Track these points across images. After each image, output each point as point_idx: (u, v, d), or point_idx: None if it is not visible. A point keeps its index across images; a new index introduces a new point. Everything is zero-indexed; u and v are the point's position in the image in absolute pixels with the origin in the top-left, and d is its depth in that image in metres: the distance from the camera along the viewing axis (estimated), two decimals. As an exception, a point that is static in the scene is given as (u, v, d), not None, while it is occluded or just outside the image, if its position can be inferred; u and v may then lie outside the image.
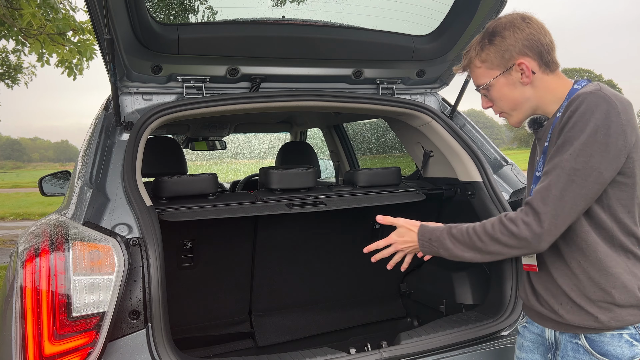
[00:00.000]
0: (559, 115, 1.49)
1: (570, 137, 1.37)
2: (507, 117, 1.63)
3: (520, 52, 1.51)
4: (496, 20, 1.56)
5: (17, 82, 10.79)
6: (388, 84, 2.63)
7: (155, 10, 2.27)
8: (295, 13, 2.35)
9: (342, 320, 2.93)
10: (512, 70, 1.53)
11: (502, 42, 1.52)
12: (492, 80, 1.57)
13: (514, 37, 1.51)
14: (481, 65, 1.58)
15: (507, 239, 1.43)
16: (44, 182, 3.66)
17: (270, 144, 6.30)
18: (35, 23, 5.61)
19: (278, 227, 2.58)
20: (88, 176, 1.93)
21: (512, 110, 1.60)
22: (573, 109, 1.38)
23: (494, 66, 1.56)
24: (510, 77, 1.54)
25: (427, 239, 1.63)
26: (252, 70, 2.37)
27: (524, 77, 1.53)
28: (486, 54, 1.55)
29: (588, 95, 1.38)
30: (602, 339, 1.44)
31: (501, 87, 1.57)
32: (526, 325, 1.69)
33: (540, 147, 1.58)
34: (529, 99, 1.56)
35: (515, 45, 1.51)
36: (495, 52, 1.54)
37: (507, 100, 1.58)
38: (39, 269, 1.49)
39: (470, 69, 1.63)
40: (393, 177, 2.71)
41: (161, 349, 1.65)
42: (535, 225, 1.38)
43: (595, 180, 1.36)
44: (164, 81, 2.27)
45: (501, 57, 1.53)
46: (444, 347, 1.95)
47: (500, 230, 1.44)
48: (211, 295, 2.64)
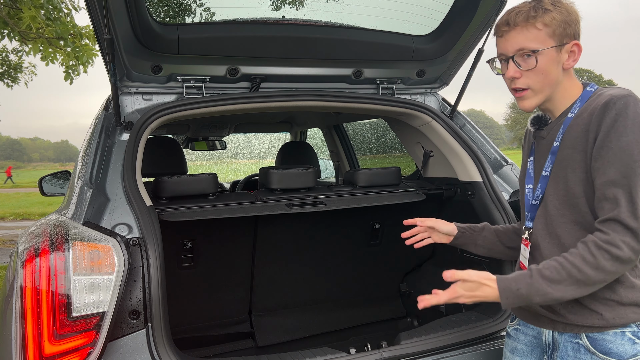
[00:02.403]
0: (571, 115, 1.47)
1: (631, 142, 1.33)
2: (528, 97, 1.51)
3: (576, 34, 1.46)
4: None
5: (17, 81, 10.79)
6: (388, 84, 2.63)
7: (155, 10, 2.27)
8: (295, 13, 2.35)
9: (342, 320, 2.93)
10: (563, 48, 1.44)
11: (568, 15, 1.43)
12: (546, 48, 1.43)
13: (577, 16, 1.45)
14: (542, 28, 1.43)
15: (612, 264, 1.33)
16: (44, 182, 3.66)
17: (270, 144, 6.30)
18: (35, 26, 5.61)
19: (278, 227, 2.58)
20: (88, 176, 1.93)
21: (539, 90, 1.48)
22: (619, 112, 1.34)
23: (554, 35, 1.43)
24: (558, 55, 1.45)
25: (514, 290, 1.40)
26: (252, 70, 2.37)
27: (570, 61, 1.46)
28: (552, 18, 1.42)
29: (627, 97, 1.36)
30: (605, 337, 1.43)
31: (547, 61, 1.44)
32: (519, 328, 1.67)
33: (546, 146, 1.54)
34: (558, 84, 1.49)
35: (576, 23, 1.45)
36: (561, 21, 1.43)
37: (545, 77, 1.46)
38: (39, 269, 1.49)
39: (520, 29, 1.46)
40: (393, 177, 2.71)
41: (161, 349, 1.65)
42: (635, 243, 1.32)
43: None
44: (164, 81, 2.27)
45: (564, 29, 1.43)
46: (443, 347, 1.95)
47: (604, 257, 1.33)
48: (211, 295, 2.64)
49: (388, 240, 2.88)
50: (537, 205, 1.56)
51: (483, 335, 2.02)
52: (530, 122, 1.60)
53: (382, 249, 2.90)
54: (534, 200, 1.57)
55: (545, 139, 1.56)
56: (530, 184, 1.61)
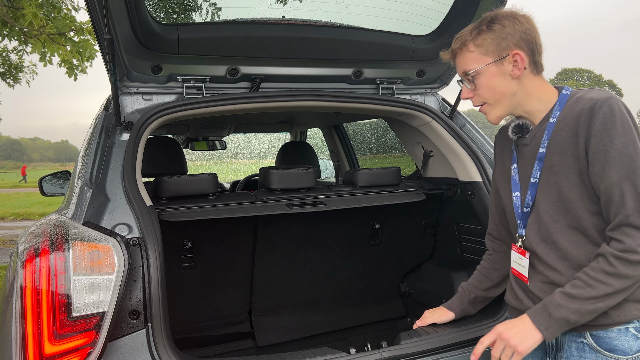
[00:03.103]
0: (553, 120, 1.50)
1: (625, 144, 1.35)
2: (487, 112, 1.58)
3: (517, 44, 1.49)
4: (495, 11, 1.55)
5: (19, 81, 10.79)
6: (388, 84, 2.63)
7: (155, 10, 2.27)
8: (295, 13, 2.35)
9: (342, 320, 2.93)
10: (504, 61, 1.50)
11: (501, 29, 1.49)
12: (483, 66, 1.52)
13: (513, 27, 1.49)
14: (475, 49, 1.53)
15: (634, 269, 1.35)
16: (44, 182, 3.66)
17: (270, 144, 6.30)
18: (37, 23, 5.62)
19: (278, 227, 2.58)
20: (88, 176, 1.93)
21: (496, 103, 1.55)
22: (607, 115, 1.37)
23: (488, 52, 1.52)
24: (501, 67, 1.51)
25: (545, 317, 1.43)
26: (252, 70, 2.37)
27: (516, 70, 1.51)
28: (483, 38, 1.52)
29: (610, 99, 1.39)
30: (609, 335, 1.44)
31: (490, 76, 1.53)
32: None
33: (531, 153, 1.56)
34: (514, 94, 1.54)
35: (514, 35, 1.49)
36: (493, 38, 1.50)
37: (493, 91, 1.54)
38: (39, 269, 1.49)
39: (460, 54, 1.58)
40: (393, 177, 2.71)
41: (161, 349, 1.65)
42: None
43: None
44: (164, 81, 2.27)
45: (498, 44, 1.50)
46: (443, 347, 1.94)
47: (624, 265, 1.35)
48: (211, 295, 2.64)
49: (388, 240, 2.88)
50: (528, 212, 1.58)
51: (483, 335, 2.02)
52: (511, 130, 1.61)
53: (382, 249, 2.90)
54: (525, 208, 1.58)
55: (528, 145, 1.57)
56: (517, 192, 1.61)
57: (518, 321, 1.49)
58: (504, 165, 1.70)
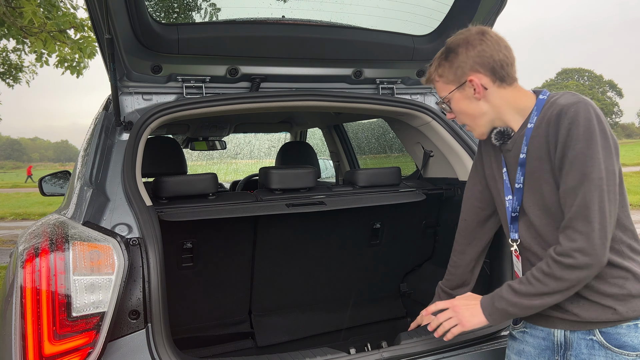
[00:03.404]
0: (530, 125, 1.54)
1: (584, 149, 1.39)
2: (471, 130, 1.70)
3: (472, 69, 1.57)
4: (455, 36, 1.63)
5: (19, 81, 10.79)
6: (388, 83, 2.63)
7: (155, 10, 2.27)
8: (295, 13, 2.34)
9: (342, 320, 2.93)
10: (465, 86, 1.59)
11: (455, 58, 1.59)
12: (448, 94, 1.64)
13: (466, 54, 1.57)
14: (439, 80, 1.66)
15: (569, 273, 1.41)
16: (44, 182, 3.66)
17: (270, 144, 6.30)
18: (37, 21, 5.61)
19: (278, 227, 2.58)
20: (88, 176, 1.92)
21: (473, 124, 1.66)
22: (572, 120, 1.41)
23: (449, 81, 1.62)
24: (464, 92, 1.60)
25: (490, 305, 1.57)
26: (252, 70, 2.37)
27: (476, 93, 1.58)
28: (442, 69, 1.63)
29: (578, 104, 1.43)
30: (619, 331, 1.46)
31: (458, 102, 1.63)
32: (526, 330, 1.67)
33: (514, 158, 1.61)
34: (485, 112, 1.61)
35: (466, 62, 1.57)
36: (449, 68, 1.61)
37: (464, 114, 1.65)
38: (39, 269, 1.49)
39: (433, 83, 1.70)
40: (393, 177, 2.71)
41: (161, 349, 1.65)
42: (589, 247, 1.37)
43: (614, 181, 1.40)
44: (164, 81, 2.27)
45: (454, 73, 1.60)
46: (444, 347, 1.94)
47: (559, 267, 1.41)
48: (211, 295, 2.63)
49: (388, 240, 2.88)
50: (517, 217, 1.62)
51: (483, 335, 2.02)
52: (494, 137, 1.66)
53: (382, 249, 2.90)
54: (513, 213, 1.62)
55: (511, 151, 1.62)
56: (510, 195, 1.65)
57: (473, 300, 1.64)
58: (493, 171, 1.74)
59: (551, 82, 76.70)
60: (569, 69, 76.84)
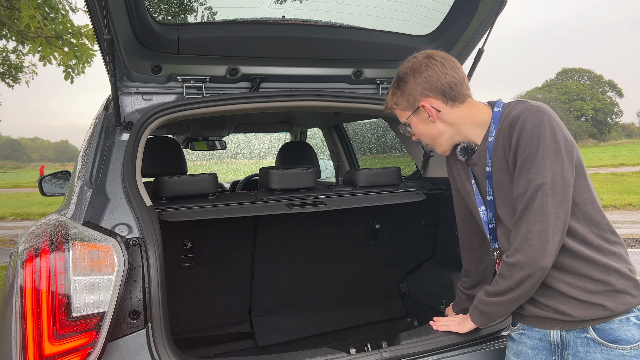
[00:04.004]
0: (491, 139, 1.58)
1: (529, 155, 1.44)
2: (432, 148, 1.79)
3: (422, 94, 1.63)
4: (404, 64, 1.69)
5: (19, 81, 10.80)
6: (388, 84, 2.63)
7: (155, 10, 2.27)
8: (295, 13, 2.35)
9: (342, 320, 2.93)
10: (419, 111, 1.67)
11: (405, 86, 1.67)
12: (406, 119, 1.72)
13: (414, 81, 1.63)
14: (395, 107, 1.74)
15: (512, 271, 1.49)
16: (44, 182, 3.66)
17: (270, 144, 6.30)
18: (34, 25, 5.61)
19: (278, 227, 2.58)
20: (88, 176, 1.92)
21: (434, 144, 1.74)
22: (519, 129, 1.46)
23: (404, 108, 1.71)
24: (420, 116, 1.68)
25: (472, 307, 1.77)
26: (252, 70, 2.37)
27: (430, 116, 1.64)
28: (396, 98, 1.72)
29: (525, 112, 1.47)
30: (612, 326, 1.49)
31: (416, 125, 1.72)
32: (524, 332, 1.69)
33: (480, 172, 1.67)
34: (443, 132, 1.68)
35: (415, 89, 1.64)
36: (401, 96, 1.69)
37: (425, 136, 1.73)
38: (39, 269, 1.49)
39: (392, 110, 1.78)
40: (393, 177, 2.71)
41: (161, 349, 1.65)
42: (527, 249, 1.44)
43: (563, 184, 1.43)
44: (164, 81, 2.27)
45: (407, 100, 1.68)
46: (444, 347, 1.94)
47: (505, 266, 1.51)
48: (211, 295, 2.63)
49: (388, 240, 2.88)
50: (494, 227, 1.67)
51: (483, 335, 2.02)
52: (459, 153, 1.72)
53: (382, 249, 2.90)
54: (490, 224, 1.68)
55: (477, 165, 1.67)
56: (482, 206, 1.70)
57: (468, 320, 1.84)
58: (464, 183, 1.79)
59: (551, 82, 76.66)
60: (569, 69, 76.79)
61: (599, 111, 70.06)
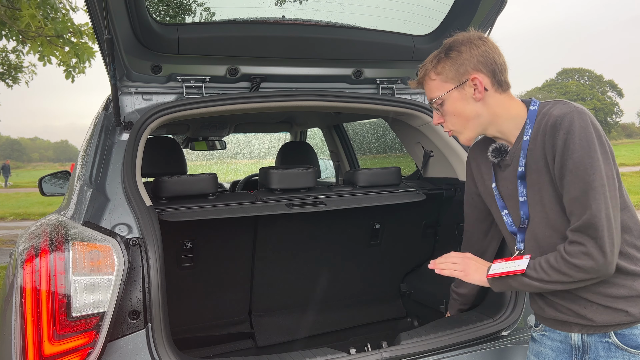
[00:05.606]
0: (526, 137, 1.54)
1: (582, 157, 1.39)
2: (458, 135, 1.65)
3: (475, 68, 1.54)
4: (454, 37, 1.60)
5: (18, 81, 10.79)
6: (388, 83, 2.63)
7: (155, 10, 2.27)
8: (295, 13, 2.34)
9: (342, 320, 2.93)
10: (465, 85, 1.56)
11: (458, 56, 1.56)
12: (445, 93, 1.59)
13: (469, 52, 1.54)
14: (436, 77, 1.60)
15: (575, 272, 1.43)
16: (44, 182, 3.66)
17: (270, 144, 6.30)
18: (34, 24, 5.61)
19: (278, 227, 2.58)
20: (88, 176, 1.92)
21: (463, 127, 1.62)
22: (566, 130, 1.42)
23: (448, 79, 1.58)
24: (463, 92, 1.57)
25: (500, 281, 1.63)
26: (252, 70, 2.37)
27: (477, 93, 1.55)
28: (442, 66, 1.58)
29: (570, 113, 1.43)
30: (634, 332, 1.47)
31: (454, 102, 1.59)
32: (545, 333, 1.68)
33: (512, 172, 1.61)
34: (480, 115, 1.58)
35: (470, 60, 1.54)
36: (451, 65, 1.57)
37: (459, 116, 1.60)
38: (38, 269, 1.49)
39: (424, 82, 1.65)
40: (393, 177, 2.71)
41: (161, 349, 1.65)
42: (598, 254, 1.39)
43: (615, 186, 1.41)
44: (164, 81, 2.27)
45: (456, 70, 1.56)
46: (444, 347, 1.94)
47: (567, 266, 1.44)
48: (211, 295, 2.63)
49: (388, 240, 2.88)
50: (524, 228, 1.62)
51: (483, 335, 2.02)
52: (491, 155, 1.66)
53: (382, 249, 2.90)
54: (522, 225, 1.62)
55: (510, 165, 1.62)
56: (505, 210, 1.67)
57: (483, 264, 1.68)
58: (485, 183, 1.75)
59: (551, 82, 76.71)
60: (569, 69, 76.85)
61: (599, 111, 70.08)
